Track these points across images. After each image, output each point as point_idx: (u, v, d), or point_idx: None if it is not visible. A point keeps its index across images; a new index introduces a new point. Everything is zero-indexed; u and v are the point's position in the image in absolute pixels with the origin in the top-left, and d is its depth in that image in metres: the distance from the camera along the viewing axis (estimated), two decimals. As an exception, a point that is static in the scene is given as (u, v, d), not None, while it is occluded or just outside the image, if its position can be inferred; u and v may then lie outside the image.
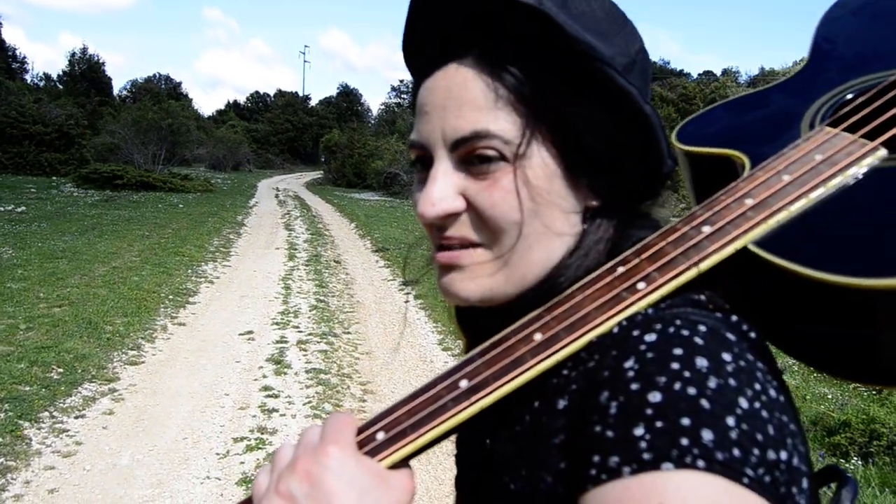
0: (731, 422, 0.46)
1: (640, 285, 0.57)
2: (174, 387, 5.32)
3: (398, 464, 0.59)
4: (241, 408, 4.97)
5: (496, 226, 0.63)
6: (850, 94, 0.71)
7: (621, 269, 0.58)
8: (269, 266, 10.73)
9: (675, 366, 0.49)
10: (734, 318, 0.56)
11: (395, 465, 0.59)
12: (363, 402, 5.22)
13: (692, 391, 0.47)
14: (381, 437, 0.59)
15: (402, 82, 71.53)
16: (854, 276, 0.49)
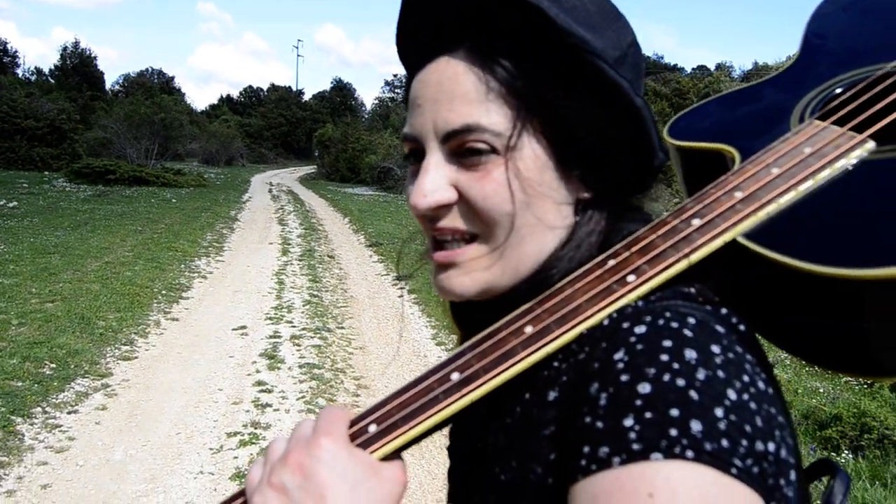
0: (719, 413, 0.47)
1: (631, 278, 0.57)
2: (167, 382, 5.31)
3: (390, 455, 0.59)
4: (234, 403, 4.97)
5: (488, 217, 0.64)
6: (840, 89, 0.72)
7: (612, 262, 0.59)
8: (263, 261, 10.71)
9: (665, 357, 0.49)
10: (724, 310, 0.57)
11: (387, 457, 0.59)
12: (357, 396, 5.23)
13: (681, 382, 0.48)
14: (373, 429, 0.59)
15: (395, 77, 71.44)
16: (842, 266, 0.49)
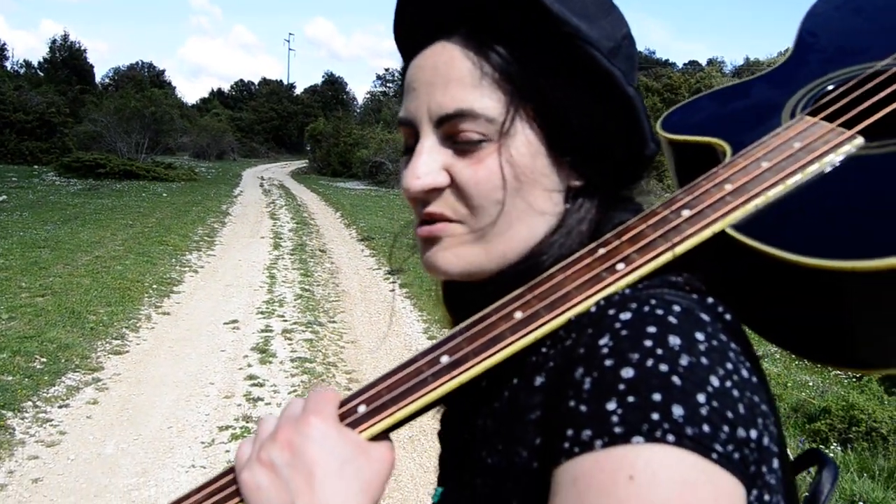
0: (701, 399, 0.47)
1: (620, 266, 0.58)
2: (159, 376, 5.30)
3: (379, 436, 0.60)
4: (226, 396, 4.96)
5: (478, 202, 0.64)
6: (831, 86, 0.72)
7: (602, 251, 0.60)
8: (254, 255, 10.68)
9: (649, 343, 0.50)
10: (710, 299, 0.57)
11: (375, 437, 0.60)
12: (348, 390, 5.12)
13: (664, 368, 0.48)
14: (362, 409, 0.60)
15: (387, 71, 71.23)
16: (828, 258, 0.50)
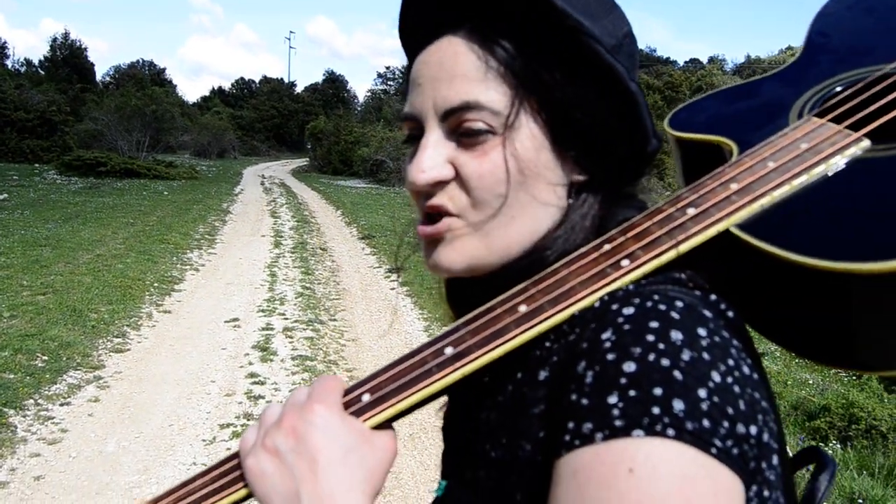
0: (702, 394, 0.48)
1: (624, 262, 0.59)
2: (160, 374, 5.30)
3: (382, 425, 0.61)
4: (227, 394, 4.97)
5: (481, 195, 0.65)
6: (839, 87, 0.72)
7: (607, 247, 0.60)
8: (255, 253, 10.69)
9: (651, 338, 0.50)
10: (713, 296, 0.58)
11: (379, 426, 0.61)
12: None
13: (666, 362, 0.49)
14: (366, 398, 0.61)
15: (388, 69, 71.19)
16: (833, 260, 0.50)
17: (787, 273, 0.54)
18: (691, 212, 0.59)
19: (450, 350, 0.60)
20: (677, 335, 0.50)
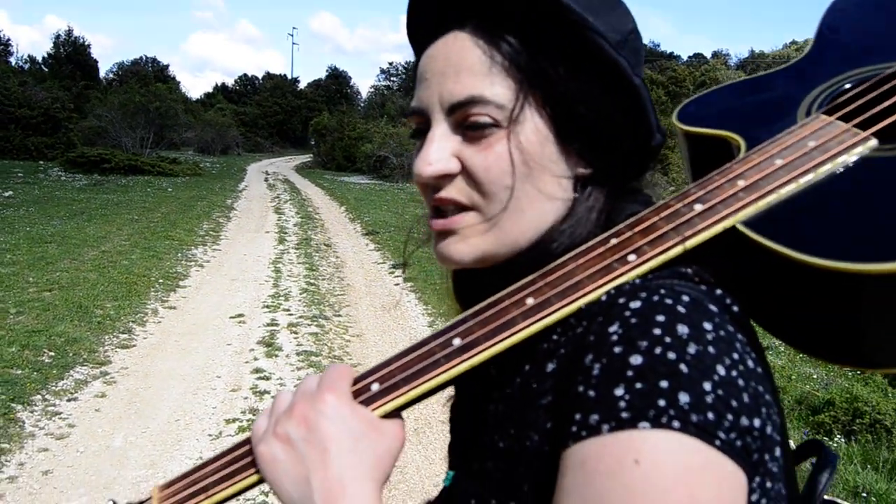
0: (707, 387, 0.49)
1: (631, 257, 0.59)
2: (166, 369, 5.33)
3: (390, 414, 0.62)
4: (232, 390, 4.99)
5: (489, 188, 0.65)
6: (848, 84, 0.72)
7: (614, 241, 0.61)
8: (260, 250, 10.71)
9: (657, 331, 0.51)
10: (718, 291, 0.58)
11: (387, 415, 0.62)
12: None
13: (672, 356, 0.50)
14: (375, 388, 0.62)
15: (391, 65, 71.15)
16: (836, 260, 0.51)
17: (792, 271, 0.54)
18: (698, 208, 0.60)
19: (458, 341, 0.61)
20: (683, 329, 0.51)
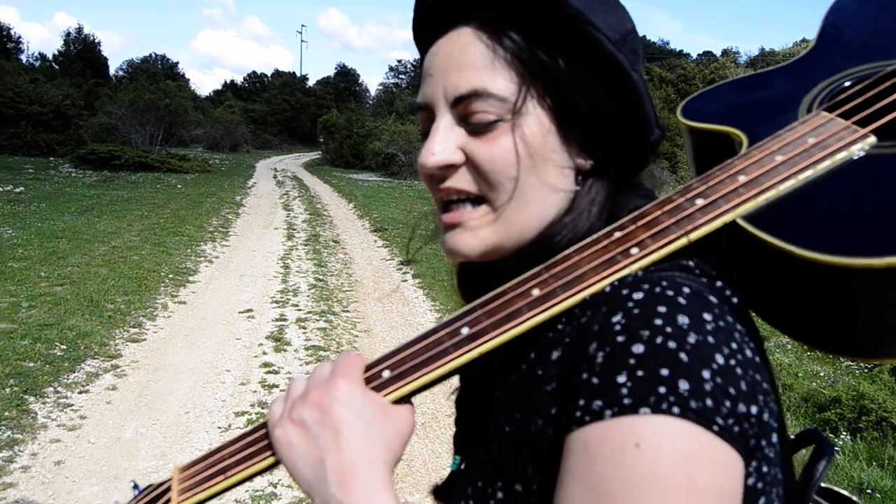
0: (706, 375, 0.51)
1: (634, 250, 0.61)
2: (176, 363, 5.38)
3: (401, 399, 0.65)
4: (241, 383, 5.04)
5: (495, 179, 0.68)
6: (849, 82, 0.74)
7: (618, 234, 0.63)
8: (268, 246, 10.76)
9: (659, 322, 0.53)
10: (719, 283, 0.60)
11: (398, 401, 0.65)
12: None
13: (672, 345, 0.52)
14: (386, 374, 0.65)
15: (400, 62, 71.12)
16: (834, 255, 0.52)
17: (789, 264, 0.56)
18: (700, 202, 0.61)
19: (466, 330, 0.63)
20: (684, 319, 0.53)
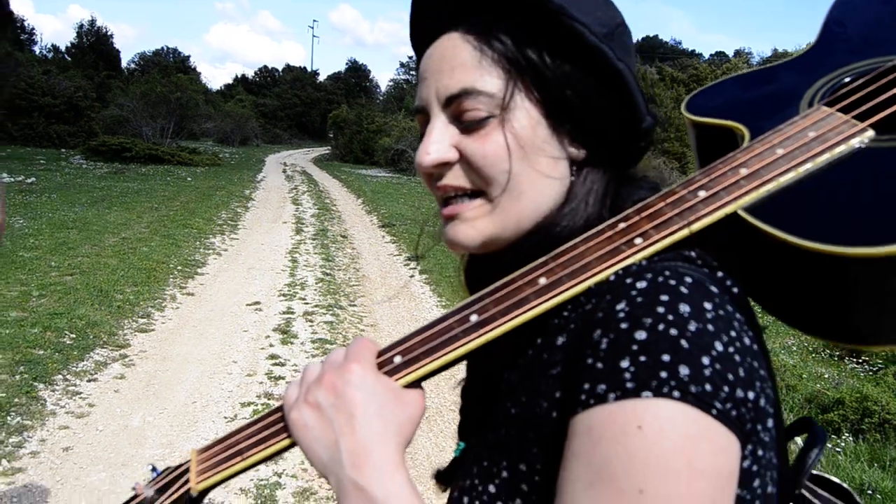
0: (705, 361, 0.53)
1: (638, 240, 0.63)
2: (183, 353, 5.43)
3: (412, 384, 0.68)
4: (248, 375, 5.07)
5: (488, 173, 0.70)
6: (849, 77, 0.75)
7: (622, 225, 0.65)
8: (277, 239, 10.81)
9: (661, 310, 0.55)
10: (720, 273, 0.62)
11: (409, 385, 0.68)
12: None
13: (674, 332, 0.54)
14: (398, 360, 0.68)
15: (410, 59, 71.01)
16: (832, 244, 0.54)
17: (789, 254, 0.57)
18: (702, 194, 0.63)
19: (474, 317, 0.65)
20: (685, 308, 0.55)
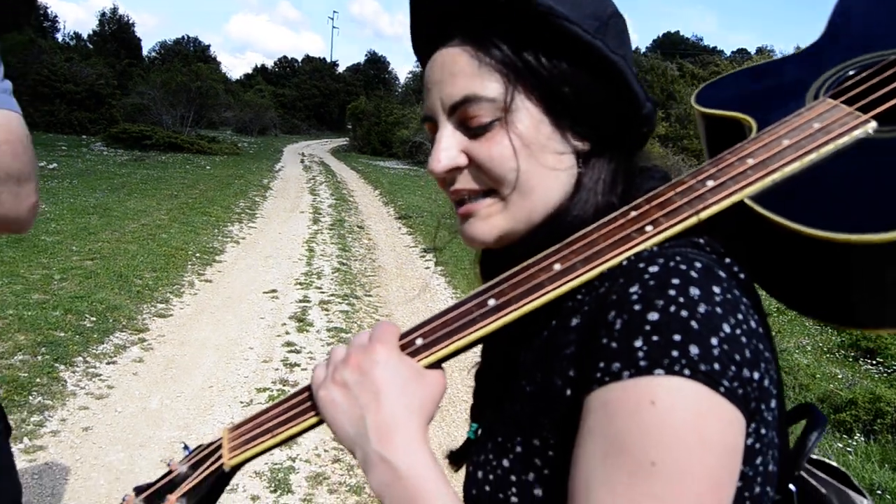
0: (714, 341, 0.56)
1: (648, 228, 0.66)
2: (201, 339, 5.51)
3: (433, 365, 0.71)
4: (264, 361, 5.14)
5: (497, 174, 0.73)
6: (853, 70, 0.77)
7: (633, 214, 0.68)
8: (294, 229, 10.89)
9: (672, 292, 0.58)
10: (727, 259, 0.66)
11: (430, 366, 0.71)
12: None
13: (684, 314, 0.57)
14: (419, 342, 0.71)
15: (429, 51, 70.71)
16: (834, 231, 0.57)
17: (793, 241, 0.60)
18: (710, 184, 0.66)
19: (492, 301, 0.69)
20: (695, 291, 0.58)
